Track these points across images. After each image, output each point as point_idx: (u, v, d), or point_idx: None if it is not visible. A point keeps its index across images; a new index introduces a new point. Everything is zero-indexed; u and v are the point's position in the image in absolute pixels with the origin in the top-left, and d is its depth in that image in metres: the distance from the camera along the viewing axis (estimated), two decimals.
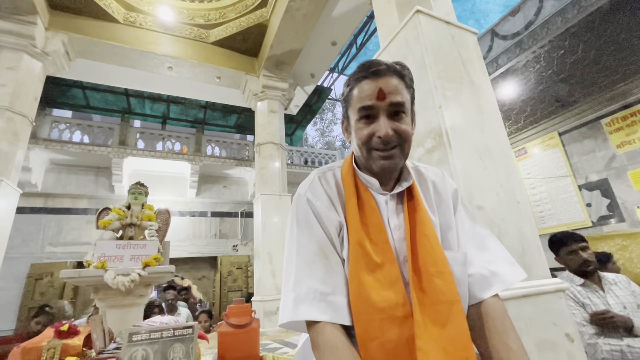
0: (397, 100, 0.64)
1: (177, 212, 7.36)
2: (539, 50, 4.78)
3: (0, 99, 3.41)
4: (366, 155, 0.67)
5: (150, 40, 4.73)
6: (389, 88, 0.63)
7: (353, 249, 0.63)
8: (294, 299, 0.60)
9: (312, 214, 0.67)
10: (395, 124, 0.64)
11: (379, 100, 0.63)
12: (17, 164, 3.50)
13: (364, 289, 0.59)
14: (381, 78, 0.64)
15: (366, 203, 0.67)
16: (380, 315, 0.57)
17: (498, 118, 1.59)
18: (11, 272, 5.55)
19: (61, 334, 1.28)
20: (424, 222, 0.65)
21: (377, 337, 0.56)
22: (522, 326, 1.13)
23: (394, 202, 0.70)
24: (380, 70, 0.64)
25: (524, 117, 6.54)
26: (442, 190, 0.75)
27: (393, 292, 0.59)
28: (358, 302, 0.59)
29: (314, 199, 0.68)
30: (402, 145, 0.65)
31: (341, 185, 0.71)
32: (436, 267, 0.61)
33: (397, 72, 0.65)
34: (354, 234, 0.64)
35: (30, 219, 6.12)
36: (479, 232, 0.74)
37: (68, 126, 7.03)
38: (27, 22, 3.71)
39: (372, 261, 0.61)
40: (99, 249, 2.08)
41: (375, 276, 0.60)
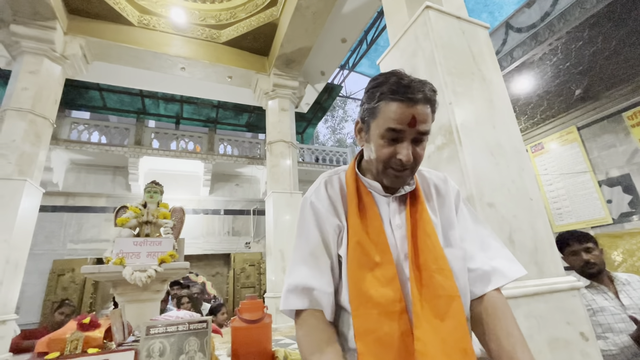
0: (425, 129, 0.66)
1: (191, 210, 7.51)
2: (556, 43, 4.64)
3: (23, 102, 3.55)
4: (381, 170, 0.70)
5: (164, 42, 4.83)
6: (422, 117, 0.65)
7: (352, 248, 0.67)
8: (286, 291, 0.69)
9: (313, 217, 0.73)
10: (416, 149, 0.67)
11: (411, 127, 0.65)
12: (39, 164, 3.65)
13: (362, 284, 0.63)
14: (417, 105, 0.64)
15: (367, 206, 0.71)
16: (377, 309, 0.61)
17: (510, 113, 1.57)
18: (35, 268, 5.80)
19: (83, 326, 1.34)
20: (425, 222, 0.68)
21: (375, 331, 0.59)
22: (534, 324, 1.11)
23: (397, 203, 0.73)
24: (417, 99, 0.64)
25: (540, 112, 6.36)
26: (444, 193, 0.78)
27: (390, 289, 0.62)
28: (356, 297, 0.63)
29: (317, 202, 0.74)
30: (414, 168, 0.69)
31: (345, 188, 0.75)
32: (437, 263, 0.64)
33: (430, 100, 0.67)
34: (354, 234, 0.68)
35: (53, 217, 6.37)
36: (481, 231, 0.76)
37: (86, 127, 7.25)
38: (47, 27, 3.84)
39: (371, 260, 0.65)
40: (118, 246, 2.15)
41: (374, 274, 0.64)
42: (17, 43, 3.75)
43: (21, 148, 3.41)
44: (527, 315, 1.12)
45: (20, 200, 3.25)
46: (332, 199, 0.74)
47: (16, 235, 3.20)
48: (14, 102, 3.52)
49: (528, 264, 1.24)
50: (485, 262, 0.70)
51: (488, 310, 0.66)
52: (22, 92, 3.59)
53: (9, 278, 3.09)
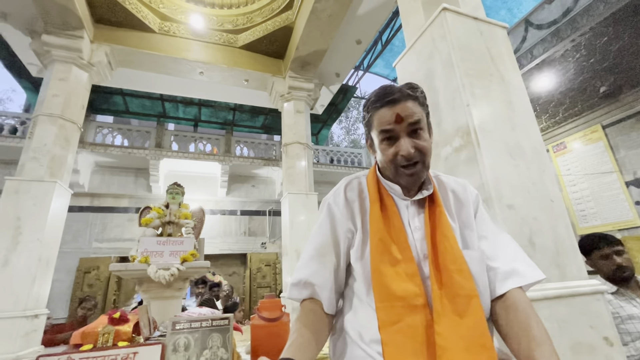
0: (413, 120, 0.72)
1: (209, 211, 7.68)
2: (579, 39, 4.50)
3: (53, 108, 3.75)
4: (394, 172, 0.75)
5: (183, 48, 4.98)
6: (405, 112, 0.71)
7: (375, 245, 0.71)
8: (292, 283, 0.78)
9: (328, 218, 0.80)
10: (414, 141, 0.72)
11: (397, 123, 0.72)
12: (68, 166, 3.84)
13: (385, 279, 0.67)
14: (397, 105, 0.72)
15: (388, 207, 0.76)
16: (400, 302, 0.65)
17: (530, 114, 1.55)
18: (64, 265, 6.08)
19: (114, 320, 1.42)
20: (443, 225, 0.72)
21: (397, 322, 0.63)
22: (555, 327, 1.10)
23: (415, 206, 0.77)
24: (395, 99, 0.72)
25: (562, 110, 6.16)
26: (463, 198, 0.81)
27: (412, 284, 0.66)
28: (380, 290, 0.67)
29: (334, 205, 0.80)
30: (423, 159, 0.73)
31: (365, 191, 0.80)
32: (455, 264, 0.67)
33: (410, 95, 0.73)
34: (377, 231, 0.72)
35: (79, 216, 6.66)
36: (500, 235, 0.78)
37: (110, 130, 7.55)
38: (75, 36, 4.04)
39: (393, 257, 0.69)
40: (142, 245, 2.25)
41: (396, 269, 0.68)
42: (48, 52, 3.96)
43: (52, 151, 3.60)
44: (549, 319, 1.11)
45: (51, 201, 3.43)
46: (349, 202, 0.79)
47: (47, 234, 3.38)
48: (45, 108, 3.72)
49: (549, 267, 1.23)
50: (505, 262, 0.72)
51: (510, 313, 0.67)
52: (53, 99, 3.79)
53: (41, 275, 3.27)
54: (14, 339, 2.86)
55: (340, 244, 0.78)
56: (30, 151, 3.52)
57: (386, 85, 0.76)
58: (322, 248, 0.78)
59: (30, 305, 3.11)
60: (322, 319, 0.75)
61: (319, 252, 0.78)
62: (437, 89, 1.63)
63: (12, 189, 3.31)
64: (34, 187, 3.39)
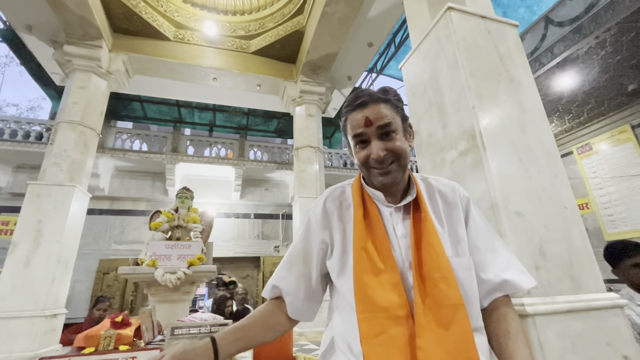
0: (382, 123, 0.71)
1: (223, 214, 7.79)
2: (604, 35, 4.28)
3: (74, 115, 3.91)
4: (367, 174, 0.75)
5: (197, 54, 5.09)
6: (374, 115, 0.71)
7: (358, 254, 0.69)
8: (267, 286, 0.82)
9: (305, 229, 0.81)
10: (386, 144, 0.71)
11: (367, 127, 0.71)
12: (87, 171, 3.99)
13: (368, 289, 0.65)
14: (366, 108, 0.72)
15: (372, 215, 0.74)
16: (383, 313, 0.62)
17: (542, 116, 1.47)
18: (84, 266, 6.31)
19: (116, 324, 1.44)
20: (429, 232, 0.69)
21: (380, 334, 0.61)
22: (567, 344, 1.02)
23: (400, 213, 0.75)
24: (364, 102, 0.72)
25: (587, 110, 5.88)
26: (452, 202, 0.78)
27: (395, 294, 0.64)
28: (362, 300, 0.64)
29: (312, 216, 0.81)
30: (397, 160, 0.72)
31: (349, 200, 0.79)
32: (440, 272, 0.64)
33: (380, 98, 0.73)
34: (359, 240, 0.70)
35: (99, 219, 6.91)
36: (491, 239, 0.76)
37: (129, 136, 7.81)
38: (95, 46, 4.21)
39: (375, 266, 0.67)
40: (151, 249, 2.29)
41: (379, 279, 0.66)
42: (70, 61, 4.14)
43: (72, 157, 3.75)
44: (560, 334, 1.03)
45: (70, 204, 3.57)
46: (327, 213, 0.79)
47: (67, 236, 3.51)
48: (66, 115, 3.88)
49: (561, 279, 1.15)
50: (496, 274, 0.71)
51: (492, 317, 0.70)
52: (73, 106, 3.95)
53: (60, 276, 3.39)
54: (33, 338, 2.98)
55: (313, 255, 0.78)
56: (52, 157, 3.67)
57: (359, 90, 0.76)
58: (292, 257, 0.80)
59: (50, 305, 3.23)
60: (275, 314, 0.78)
61: (290, 260, 0.80)
62: (442, 90, 1.57)
63: (35, 193, 3.47)
64: (55, 191, 3.53)
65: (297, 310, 0.78)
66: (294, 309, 0.78)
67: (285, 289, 0.78)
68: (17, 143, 6.44)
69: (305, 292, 0.78)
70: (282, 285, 0.79)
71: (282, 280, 0.79)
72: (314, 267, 0.78)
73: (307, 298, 0.78)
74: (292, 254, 0.81)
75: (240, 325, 0.73)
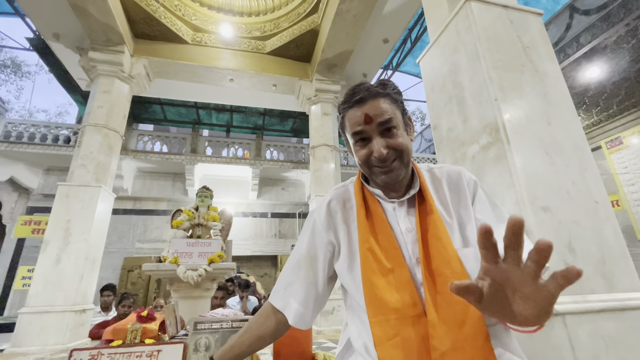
0: (383, 119, 0.67)
1: (241, 213, 7.91)
2: (635, 22, 4.06)
3: (98, 118, 4.07)
4: (369, 172, 0.72)
5: (214, 56, 5.19)
6: (374, 111, 0.67)
7: (364, 255, 0.67)
8: (273, 290, 0.79)
9: (310, 230, 0.78)
10: (388, 141, 0.68)
11: (367, 124, 0.68)
12: (112, 172, 4.14)
13: (377, 290, 0.63)
14: (365, 104, 0.68)
15: (374, 213, 0.72)
16: (395, 315, 0.60)
17: (570, 107, 1.40)
18: (110, 264, 6.56)
19: (142, 318, 1.48)
20: (436, 225, 0.66)
21: (394, 336, 0.59)
22: (600, 345, 0.97)
23: (404, 207, 0.72)
24: (362, 98, 0.68)
25: (616, 102, 5.59)
26: (458, 188, 0.74)
27: (406, 294, 0.62)
28: (372, 304, 0.63)
29: (317, 217, 0.78)
30: (400, 157, 0.68)
31: (352, 200, 0.77)
32: (450, 268, 0.61)
33: (379, 93, 0.69)
34: (364, 241, 0.68)
35: (123, 219, 7.16)
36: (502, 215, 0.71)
37: (150, 138, 8.06)
38: (117, 51, 4.36)
39: (383, 266, 0.65)
40: (173, 246, 2.35)
41: (388, 279, 0.64)
42: (94, 67, 4.31)
43: (97, 159, 3.90)
44: (592, 335, 0.98)
45: (97, 204, 3.72)
46: (332, 214, 0.76)
47: (93, 234, 3.66)
48: (91, 119, 4.04)
49: (593, 276, 1.09)
50: None
51: None
52: (98, 110, 4.11)
53: (87, 272, 3.54)
54: (63, 332, 3.12)
55: (319, 257, 0.75)
56: (79, 159, 3.84)
57: (356, 84, 0.72)
58: (299, 261, 0.77)
59: (79, 300, 3.38)
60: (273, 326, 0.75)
61: (297, 265, 0.77)
62: (462, 84, 1.53)
63: (64, 194, 3.63)
64: (82, 192, 3.69)
65: (301, 318, 0.74)
66: (299, 317, 0.74)
67: (295, 294, 0.75)
68: (47, 146, 6.76)
69: (315, 299, 0.75)
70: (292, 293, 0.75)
71: (289, 287, 0.76)
72: (321, 270, 0.75)
73: (315, 305, 0.75)
74: (298, 258, 0.77)
75: (236, 343, 0.72)
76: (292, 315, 0.73)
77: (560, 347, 0.96)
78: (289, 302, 0.74)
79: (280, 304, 0.75)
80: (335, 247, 0.75)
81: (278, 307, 0.75)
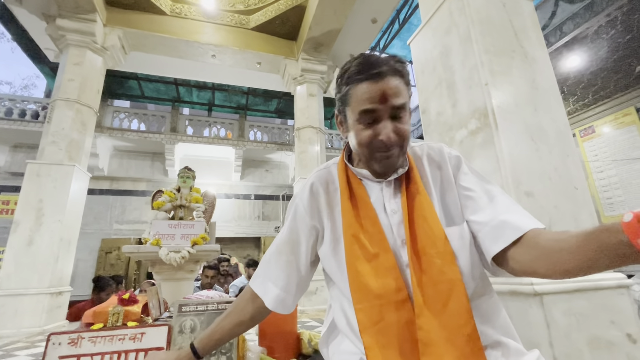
0: (399, 103, 0.62)
1: (224, 195, 7.80)
2: (616, 13, 4.15)
3: (70, 92, 3.81)
4: (367, 155, 0.67)
5: (195, 30, 4.92)
6: (392, 90, 0.61)
7: (349, 242, 0.66)
8: (254, 275, 0.77)
9: (292, 215, 0.76)
10: (396, 125, 0.63)
11: (381, 103, 0.62)
12: (86, 150, 3.93)
13: (361, 277, 0.62)
14: (383, 80, 0.61)
15: (359, 196, 0.70)
16: (379, 301, 0.60)
17: (556, 94, 1.43)
18: (86, 245, 6.37)
19: (123, 301, 1.45)
20: (422, 205, 0.65)
21: (378, 322, 0.59)
22: (573, 322, 1.04)
23: (391, 187, 0.70)
24: (382, 72, 0.61)
25: (592, 92, 5.78)
26: (440, 166, 0.72)
27: (390, 279, 0.61)
28: (357, 290, 0.62)
29: (299, 201, 0.75)
30: (402, 144, 0.65)
31: (336, 182, 0.74)
32: (436, 247, 0.61)
33: (398, 71, 0.63)
34: (349, 227, 0.67)
35: (100, 199, 6.91)
36: (488, 188, 0.67)
37: (127, 115, 7.69)
38: (88, 19, 4.05)
39: (368, 252, 0.64)
40: (154, 228, 2.28)
41: (372, 265, 0.63)
42: (63, 36, 3.99)
43: (70, 136, 3.68)
44: (566, 313, 1.04)
45: (71, 183, 3.54)
46: (315, 197, 0.74)
47: (68, 215, 3.50)
48: (62, 93, 3.78)
49: None
50: (493, 216, 0.62)
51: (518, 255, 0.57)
52: (69, 83, 3.85)
53: (63, 254, 3.41)
54: (39, 315, 3.03)
55: (302, 242, 0.73)
56: (50, 135, 3.61)
57: (370, 54, 0.64)
58: (281, 246, 0.75)
59: (55, 282, 3.27)
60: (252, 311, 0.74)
61: (278, 250, 0.75)
62: (453, 67, 1.52)
63: (34, 172, 3.43)
64: (54, 171, 3.50)
65: (282, 303, 0.73)
66: (279, 302, 0.72)
67: (275, 279, 0.73)
68: (12, 122, 6.33)
69: (297, 284, 0.74)
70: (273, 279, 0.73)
71: (272, 274, 0.74)
72: (303, 255, 0.73)
73: (297, 290, 0.74)
74: (279, 243, 0.76)
75: (217, 328, 0.72)
76: (271, 300, 0.72)
77: (537, 325, 1.01)
78: (268, 287, 0.73)
79: (260, 289, 0.73)
80: (319, 231, 0.73)
81: (258, 292, 0.73)
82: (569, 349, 1.00)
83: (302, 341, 1.61)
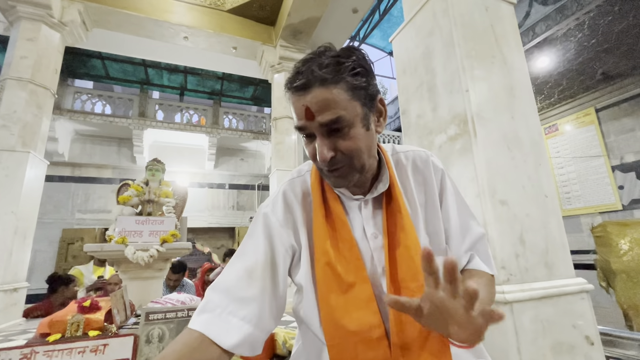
0: (327, 119, 0.52)
1: (197, 184, 7.54)
2: (584, 17, 4.31)
3: (22, 71, 3.46)
4: (320, 172, 0.60)
5: (165, 9, 4.60)
6: (316, 106, 0.52)
7: (322, 270, 0.58)
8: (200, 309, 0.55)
9: (265, 231, 0.62)
10: (336, 142, 0.54)
11: (308, 120, 0.53)
12: (42, 135, 3.61)
13: (335, 312, 0.55)
14: (307, 93, 0.52)
15: (335, 216, 0.61)
16: (353, 338, 0.54)
17: (531, 101, 1.45)
18: (45, 236, 5.96)
19: (84, 309, 1.35)
20: (404, 230, 0.59)
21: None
22: (539, 329, 1.08)
23: (370, 206, 0.63)
24: (305, 84, 0.52)
25: (558, 92, 6.07)
26: (424, 178, 0.67)
27: (367, 313, 0.55)
28: (329, 327, 0.56)
29: (271, 214, 0.63)
30: (350, 162, 0.56)
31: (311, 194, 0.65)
32: (417, 281, 0.55)
33: (326, 80, 0.51)
34: (323, 254, 0.58)
35: (60, 187, 6.45)
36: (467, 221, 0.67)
37: (89, 97, 7.15)
38: None
39: (343, 282, 0.57)
40: (120, 224, 2.15)
41: (347, 297, 0.56)
42: (13, 7, 3.59)
43: (23, 119, 3.36)
44: (534, 320, 1.08)
45: (25, 172, 3.25)
46: (290, 210, 0.64)
47: (23, 206, 3.23)
48: (13, 71, 3.43)
49: (537, 265, 1.19)
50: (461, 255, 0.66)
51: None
52: (21, 61, 3.48)
53: (17, 248, 3.16)
54: None
55: (280, 264, 0.60)
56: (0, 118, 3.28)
57: (307, 57, 0.55)
58: (251, 269, 0.58)
59: (9, 279, 3.03)
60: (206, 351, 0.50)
61: (247, 273, 0.58)
62: (435, 70, 1.50)
63: None
64: (5, 158, 3.19)
65: (252, 345, 0.55)
66: (250, 343, 0.54)
67: (245, 318, 0.54)
68: None
69: (275, 317, 0.59)
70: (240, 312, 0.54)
71: (238, 305, 0.54)
72: (281, 280, 0.60)
73: (273, 323, 0.59)
74: (250, 266, 0.58)
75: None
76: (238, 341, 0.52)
77: (506, 332, 1.05)
78: (233, 324, 0.53)
79: (217, 328, 0.52)
80: (295, 251, 0.62)
81: (213, 333, 0.51)
82: (535, 355, 1.04)
83: (277, 342, 1.58)
